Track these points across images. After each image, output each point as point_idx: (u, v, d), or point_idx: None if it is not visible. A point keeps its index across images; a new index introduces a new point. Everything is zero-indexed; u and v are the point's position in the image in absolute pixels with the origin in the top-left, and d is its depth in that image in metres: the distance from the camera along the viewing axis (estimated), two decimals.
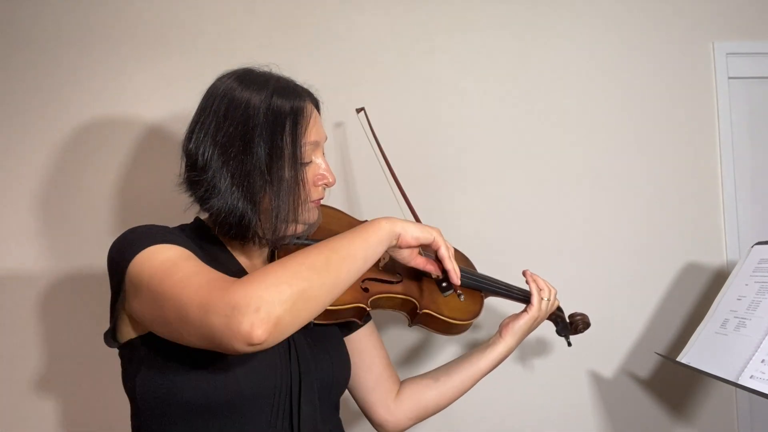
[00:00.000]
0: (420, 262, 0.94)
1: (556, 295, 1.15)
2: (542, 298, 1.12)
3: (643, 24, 1.66)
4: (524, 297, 1.15)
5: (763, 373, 1.06)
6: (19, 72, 1.48)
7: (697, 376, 1.60)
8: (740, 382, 1.08)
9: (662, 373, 1.60)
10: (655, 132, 1.64)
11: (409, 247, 0.90)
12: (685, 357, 1.27)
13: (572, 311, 1.26)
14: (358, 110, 1.29)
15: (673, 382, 1.61)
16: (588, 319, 1.24)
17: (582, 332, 1.24)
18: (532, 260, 1.58)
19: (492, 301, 1.20)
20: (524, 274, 1.15)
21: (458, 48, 1.60)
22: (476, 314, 1.09)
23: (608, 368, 1.60)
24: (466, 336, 1.55)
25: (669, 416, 1.60)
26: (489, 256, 1.56)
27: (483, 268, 1.25)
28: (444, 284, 0.95)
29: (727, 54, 1.67)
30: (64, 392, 1.44)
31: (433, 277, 0.97)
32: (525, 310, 1.12)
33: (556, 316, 1.21)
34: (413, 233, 0.88)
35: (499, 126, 1.61)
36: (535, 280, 1.13)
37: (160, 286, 0.73)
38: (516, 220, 1.59)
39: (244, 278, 0.71)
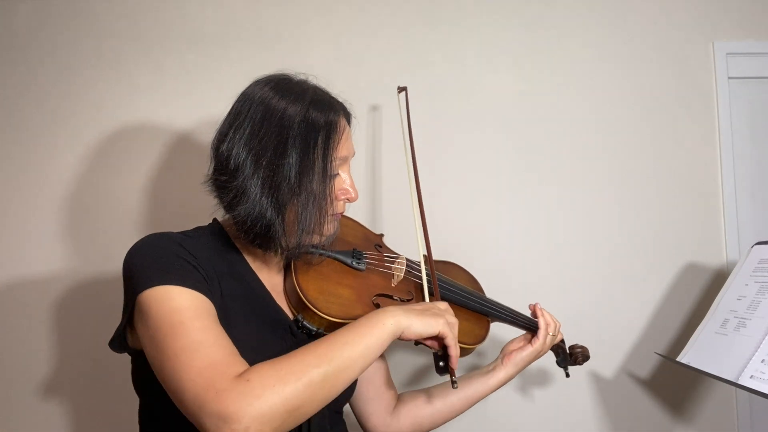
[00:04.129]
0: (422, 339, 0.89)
1: (559, 328, 1.16)
2: (549, 333, 1.13)
3: (642, 24, 1.66)
4: (529, 325, 1.15)
5: (763, 373, 1.06)
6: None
7: (697, 376, 1.60)
8: (740, 382, 1.08)
9: (662, 373, 1.60)
10: (655, 132, 1.64)
11: (410, 340, 0.86)
12: (685, 357, 1.27)
13: (573, 343, 1.27)
14: (400, 89, 1.22)
15: (673, 382, 1.61)
16: (588, 352, 1.25)
17: (581, 364, 1.25)
18: (533, 261, 1.59)
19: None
20: (533, 308, 1.16)
21: (458, 49, 1.60)
22: (482, 339, 1.09)
23: (608, 368, 1.60)
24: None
25: (669, 416, 1.60)
26: (488, 256, 1.56)
27: (483, 267, 1.25)
28: (441, 363, 0.90)
29: (727, 54, 1.67)
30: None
31: (432, 351, 0.92)
32: (530, 343, 1.12)
33: (557, 347, 1.23)
34: (417, 329, 0.83)
35: (498, 126, 1.61)
36: (543, 315, 1.14)
37: (164, 342, 0.74)
38: (515, 219, 1.59)
39: (244, 378, 0.70)
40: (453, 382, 0.87)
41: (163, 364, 0.74)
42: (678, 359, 1.27)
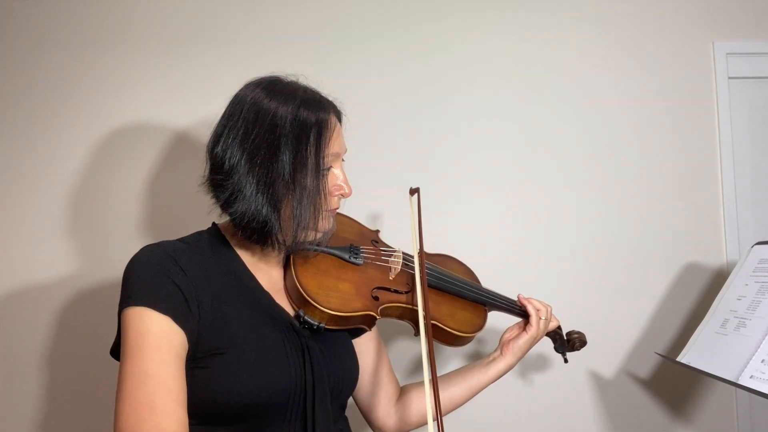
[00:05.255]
0: None
1: (551, 311, 1.17)
2: (540, 318, 1.14)
3: (643, 24, 1.66)
4: (525, 312, 1.17)
5: (763, 373, 1.06)
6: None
7: (697, 376, 1.60)
8: (740, 382, 1.08)
9: (662, 373, 1.60)
10: (655, 132, 1.65)
11: None
12: (685, 357, 1.27)
13: (570, 329, 1.27)
14: (413, 191, 1.17)
15: (673, 382, 1.61)
16: (584, 337, 1.25)
17: (579, 350, 1.26)
18: (533, 261, 1.59)
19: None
20: (518, 299, 1.17)
21: (460, 49, 1.61)
22: (480, 327, 1.11)
23: (608, 368, 1.60)
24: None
25: (669, 416, 1.60)
26: (489, 257, 1.56)
27: (484, 267, 1.25)
28: None
29: (727, 54, 1.67)
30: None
31: None
32: (525, 330, 1.13)
33: (554, 333, 1.23)
34: None
35: (498, 127, 1.61)
36: (530, 302, 1.15)
37: (123, 361, 0.77)
38: (516, 220, 1.60)
39: None
40: None
41: (118, 381, 0.76)
42: (678, 359, 1.27)
